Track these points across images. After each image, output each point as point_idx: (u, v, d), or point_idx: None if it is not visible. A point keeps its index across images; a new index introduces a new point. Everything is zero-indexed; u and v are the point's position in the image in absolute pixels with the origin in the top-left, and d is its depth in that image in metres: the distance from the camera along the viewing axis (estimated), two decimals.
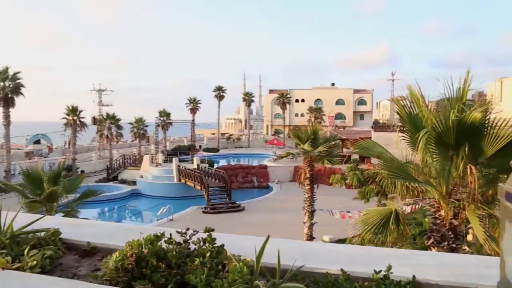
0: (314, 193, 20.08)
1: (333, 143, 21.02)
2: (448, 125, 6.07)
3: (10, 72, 35.93)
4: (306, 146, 19.26)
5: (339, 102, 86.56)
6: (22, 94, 36.76)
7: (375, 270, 2.23)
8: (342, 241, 17.80)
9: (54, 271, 2.43)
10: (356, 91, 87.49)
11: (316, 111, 69.33)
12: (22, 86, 36.73)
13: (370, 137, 34.23)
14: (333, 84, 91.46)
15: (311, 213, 19.93)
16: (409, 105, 7.01)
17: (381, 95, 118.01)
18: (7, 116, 36.40)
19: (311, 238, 19.69)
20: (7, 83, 35.77)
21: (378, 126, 50.26)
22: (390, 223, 7.38)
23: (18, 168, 32.59)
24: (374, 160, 26.89)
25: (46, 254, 2.43)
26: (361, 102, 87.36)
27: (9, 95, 35.88)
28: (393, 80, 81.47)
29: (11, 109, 36.52)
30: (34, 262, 2.30)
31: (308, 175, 19.89)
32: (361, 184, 22.71)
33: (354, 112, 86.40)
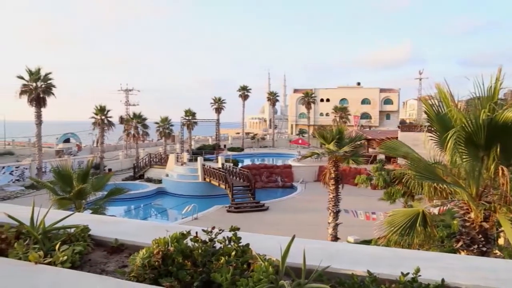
0: (339, 194, 19.90)
1: (359, 143, 20.78)
2: (478, 124, 5.91)
3: (42, 73, 37.02)
4: (331, 146, 19.09)
5: (365, 101, 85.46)
6: (53, 94, 37.81)
7: (402, 273, 2.19)
8: (367, 242, 17.58)
9: (84, 266, 2.48)
10: (382, 90, 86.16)
11: (341, 110, 68.59)
12: (53, 86, 37.78)
13: (397, 137, 33.71)
14: (358, 83, 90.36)
15: (336, 214, 19.75)
16: (437, 104, 6.86)
17: (408, 94, 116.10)
18: (39, 116, 37.51)
19: (335, 238, 19.52)
20: (39, 84, 36.89)
21: (405, 126, 49.35)
22: (417, 224, 7.24)
23: (49, 166, 33.58)
24: (401, 161, 26.46)
25: (76, 250, 2.49)
26: (387, 101, 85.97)
27: (41, 95, 36.97)
28: (420, 79, 79.89)
29: (42, 109, 37.62)
30: (65, 257, 2.36)
31: (333, 175, 19.71)
32: (387, 184, 22.33)
33: (380, 111, 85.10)
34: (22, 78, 36.60)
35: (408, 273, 2.18)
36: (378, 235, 8.80)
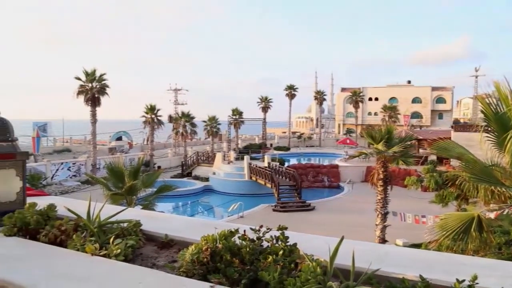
0: (387, 195, 19.37)
1: (409, 143, 20.13)
2: None
3: (97, 74, 38.80)
4: (380, 146, 18.62)
5: (416, 100, 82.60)
6: (107, 94, 39.52)
7: (457, 279, 2.09)
8: (416, 246, 16.98)
9: (135, 260, 2.57)
10: (434, 89, 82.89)
11: (391, 109, 66.68)
12: (107, 86, 39.49)
13: (450, 137, 32.34)
14: (409, 82, 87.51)
15: (384, 216, 19.25)
16: (495, 103, 6.50)
17: (462, 92, 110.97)
18: (94, 115, 39.33)
19: (383, 241, 19.02)
20: (94, 84, 38.68)
21: (459, 125, 47.21)
22: (472, 229, 6.90)
23: (103, 162, 35.07)
24: (454, 162, 25.35)
25: (129, 244, 2.58)
26: (440, 100, 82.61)
27: (96, 95, 38.74)
28: (476, 77, 76.08)
29: (97, 108, 39.41)
30: (119, 251, 2.45)
31: (381, 176, 19.22)
32: (439, 187, 21.46)
33: (432, 110, 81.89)
34: (79, 79, 38.57)
35: (464, 280, 2.08)
36: (429, 239, 8.48)
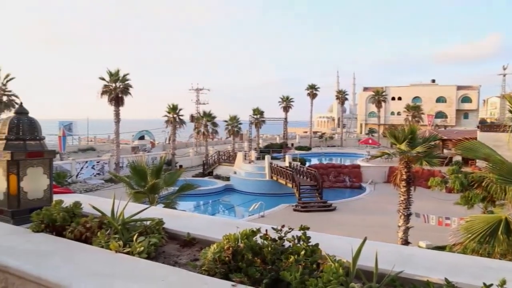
0: (410, 196, 19.06)
1: (433, 143, 19.75)
2: None
3: (121, 74, 39.46)
4: (403, 146, 18.32)
5: (440, 99, 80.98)
6: (130, 94, 40.14)
7: (484, 284, 2.03)
8: (440, 248, 16.66)
9: (158, 257, 2.60)
10: (459, 88, 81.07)
11: (414, 109, 65.53)
12: (131, 86, 40.11)
13: (475, 138, 31.61)
14: (433, 81, 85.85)
15: (407, 217, 18.94)
16: None
17: (489, 91, 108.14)
18: (117, 114, 40.01)
19: (406, 243, 18.72)
20: (118, 84, 39.34)
21: (486, 125, 46.09)
22: (499, 232, 6.72)
23: (126, 161, 35.66)
24: (480, 163, 24.76)
25: (151, 242, 2.61)
26: (465, 99, 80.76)
27: (120, 95, 39.39)
28: (504, 75, 74.14)
29: (120, 108, 40.07)
30: (142, 248, 2.49)
31: (404, 176, 18.92)
32: (464, 188, 21.00)
33: (457, 110, 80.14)
34: (103, 79, 39.29)
35: (491, 285, 2.02)
36: (453, 242, 8.32)
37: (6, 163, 3.31)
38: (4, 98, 33.68)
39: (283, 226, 2.49)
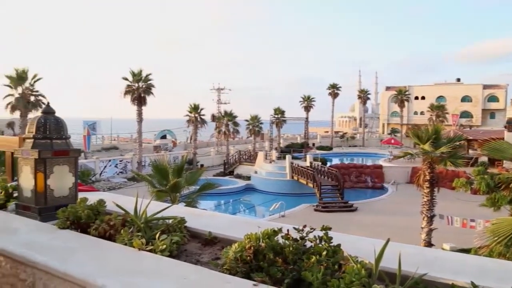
0: (434, 197, 18.72)
1: (458, 143, 19.36)
2: None
3: (143, 74, 40.01)
4: (427, 146, 18.01)
5: (465, 99, 79.19)
6: (152, 93, 40.66)
7: None
8: (465, 251, 16.30)
9: (180, 256, 2.62)
10: (486, 87, 79.09)
11: (438, 109, 64.27)
12: (153, 86, 40.64)
13: (503, 138, 30.83)
14: (458, 80, 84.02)
15: (430, 218, 18.61)
16: None
17: None
18: (139, 114, 40.58)
19: (429, 245, 18.40)
20: (140, 84, 39.91)
21: None
22: None
23: (148, 160, 36.14)
24: (508, 164, 24.11)
25: (174, 240, 2.64)
26: (492, 98, 78.74)
27: (142, 95, 39.95)
28: None
29: (143, 107, 40.62)
30: (164, 246, 2.52)
31: (427, 177, 18.59)
32: (491, 190, 20.47)
33: (483, 110, 78.21)
34: (126, 79, 39.92)
35: None
36: (479, 244, 8.13)
37: (33, 161, 3.40)
38: (32, 98, 34.52)
39: (304, 226, 2.48)
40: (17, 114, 34.91)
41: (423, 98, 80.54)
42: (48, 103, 3.83)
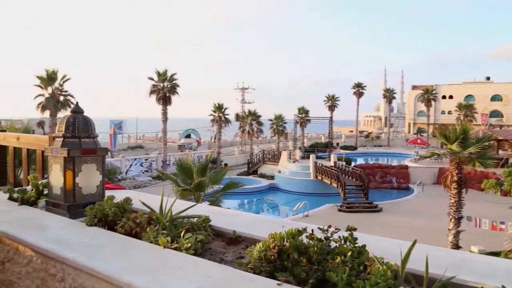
0: (461, 198, 18.29)
1: (487, 144, 18.87)
2: None
3: (168, 73, 40.55)
4: (454, 147, 17.61)
5: (495, 98, 76.95)
6: (177, 93, 41.15)
7: None
8: (495, 254, 15.86)
9: (205, 254, 2.64)
10: None
11: (467, 108, 62.74)
12: (178, 86, 41.12)
13: None
14: (488, 78, 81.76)
15: (458, 220, 18.19)
16: None
17: None
18: (164, 113, 41.15)
19: (456, 247, 17.98)
20: (165, 84, 40.45)
21: None
22: None
23: (172, 159, 36.58)
24: None
25: (198, 238, 2.66)
26: None
27: (167, 94, 40.48)
28: None
29: (168, 107, 41.15)
30: (189, 244, 2.54)
31: (455, 178, 18.18)
32: None
33: None
34: (152, 79, 40.54)
35: None
36: (510, 247, 7.90)
37: (63, 159, 3.48)
38: (61, 98, 35.44)
39: (329, 226, 2.46)
40: (47, 113, 35.91)
41: (450, 97, 78.80)
42: (77, 102, 3.91)
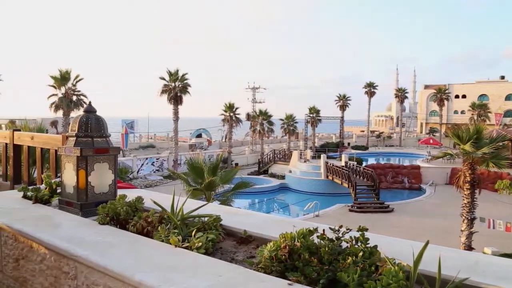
0: (474, 199, 18.08)
1: (501, 144, 18.62)
2: None
3: (180, 73, 40.74)
4: (467, 147, 17.41)
5: (510, 97, 75.84)
6: (188, 93, 41.31)
7: None
8: (509, 256, 15.66)
9: (215, 253, 2.65)
10: None
11: (480, 107, 61.96)
12: (189, 85, 41.28)
13: None
14: (502, 77, 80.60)
15: (471, 221, 17.98)
16: None
17: None
18: (176, 113, 41.34)
19: (469, 248, 17.77)
20: (177, 84, 40.64)
21: None
22: None
23: (184, 158, 36.71)
24: None
25: (209, 238, 2.67)
26: None
27: (178, 94, 40.67)
28: None
29: (179, 106, 41.34)
30: (200, 244, 2.55)
31: (468, 178, 17.97)
32: None
33: None
34: (163, 79, 40.76)
35: None
36: None
37: (76, 158, 3.52)
38: (74, 98, 35.81)
39: (340, 226, 2.45)
40: (60, 113, 36.33)
41: (464, 96, 77.91)
42: (90, 102, 3.95)
